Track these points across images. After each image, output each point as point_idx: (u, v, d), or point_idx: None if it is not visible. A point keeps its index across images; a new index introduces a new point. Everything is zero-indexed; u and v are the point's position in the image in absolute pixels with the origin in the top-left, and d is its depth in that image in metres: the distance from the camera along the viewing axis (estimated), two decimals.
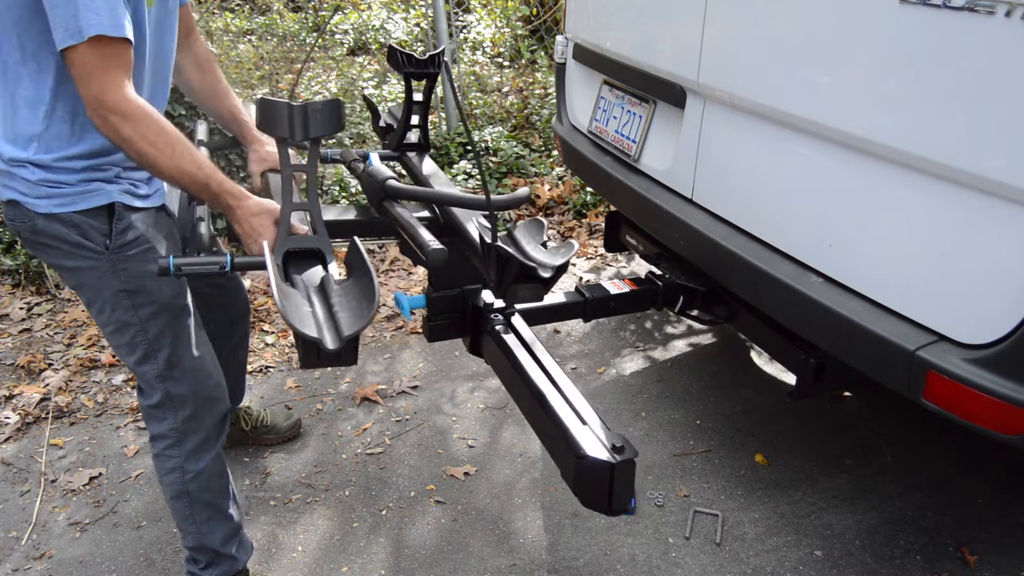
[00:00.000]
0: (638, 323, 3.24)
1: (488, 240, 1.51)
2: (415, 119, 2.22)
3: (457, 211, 1.86)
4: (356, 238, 1.57)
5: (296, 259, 1.64)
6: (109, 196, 1.61)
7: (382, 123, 2.41)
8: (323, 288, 1.52)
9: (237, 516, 1.93)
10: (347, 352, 1.39)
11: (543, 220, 1.62)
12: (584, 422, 1.40)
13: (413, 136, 2.28)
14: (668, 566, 2.07)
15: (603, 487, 1.32)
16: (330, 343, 1.34)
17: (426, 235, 1.60)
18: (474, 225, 1.76)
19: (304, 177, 1.72)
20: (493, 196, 1.60)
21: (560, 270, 1.50)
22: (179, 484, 1.82)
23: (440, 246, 1.54)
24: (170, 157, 1.48)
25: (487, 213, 1.79)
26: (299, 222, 1.68)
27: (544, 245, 1.57)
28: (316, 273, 1.60)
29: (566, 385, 1.51)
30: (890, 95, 1.57)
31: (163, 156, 1.47)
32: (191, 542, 1.89)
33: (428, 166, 2.22)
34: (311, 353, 1.41)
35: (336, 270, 1.59)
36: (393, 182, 1.77)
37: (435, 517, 2.25)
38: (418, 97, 2.19)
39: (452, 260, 1.63)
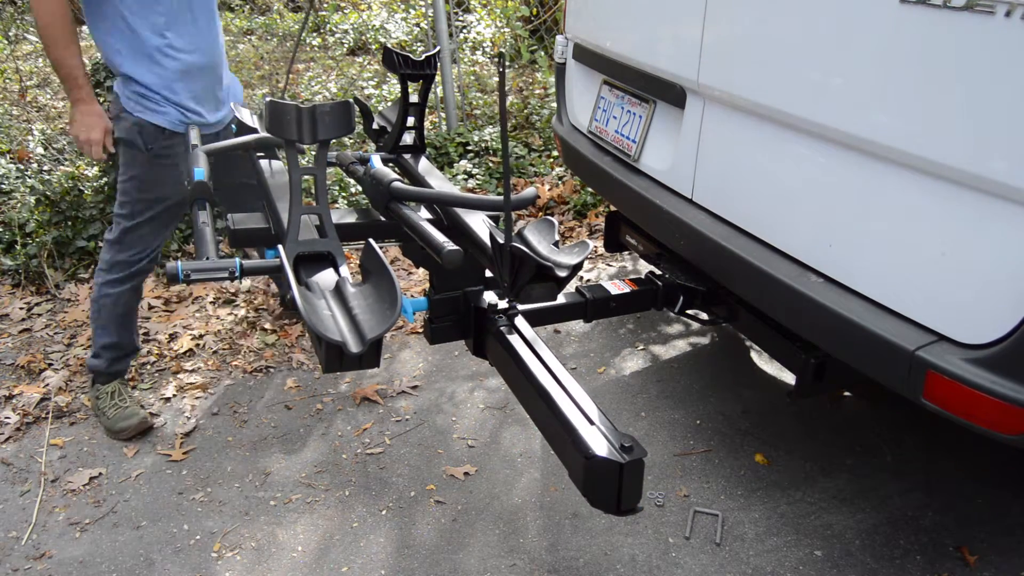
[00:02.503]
0: (638, 323, 3.24)
1: (501, 240, 1.51)
2: (411, 120, 2.21)
3: (460, 211, 1.86)
4: (372, 240, 1.56)
5: (306, 263, 1.63)
6: (166, 120, 2.37)
7: (375, 125, 2.41)
8: (339, 291, 1.51)
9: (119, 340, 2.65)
10: (370, 356, 1.39)
11: (554, 220, 1.61)
12: (592, 422, 1.39)
13: (408, 138, 2.28)
14: (668, 566, 2.07)
15: (612, 487, 1.32)
16: (354, 347, 1.33)
17: (439, 236, 1.59)
18: (482, 225, 1.75)
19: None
20: (497, 196, 1.59)
21: (576, 269, 1.50)
22: (96, 293, 2.58)
23: (456, 247, 1.53)
24: (64, 47, 2.23)
25: (495, 213, 1.79)
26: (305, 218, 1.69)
27: (556, 244, 1.57)
28: (329, 277, 1.59)
29: (572, 385, 1.51)
30: (890, 95, 1.57)
31: (59, 45, 2.22)
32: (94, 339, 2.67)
33: (424, 167, 2.21)
34: (334, 357, 1.40)
35: (347, 273, 1.58)
36: (399, 184, 1.77)
37: (435, 517, 2.25)
38: (414, 98, 2.18)
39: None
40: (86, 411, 2.75)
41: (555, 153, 4.85)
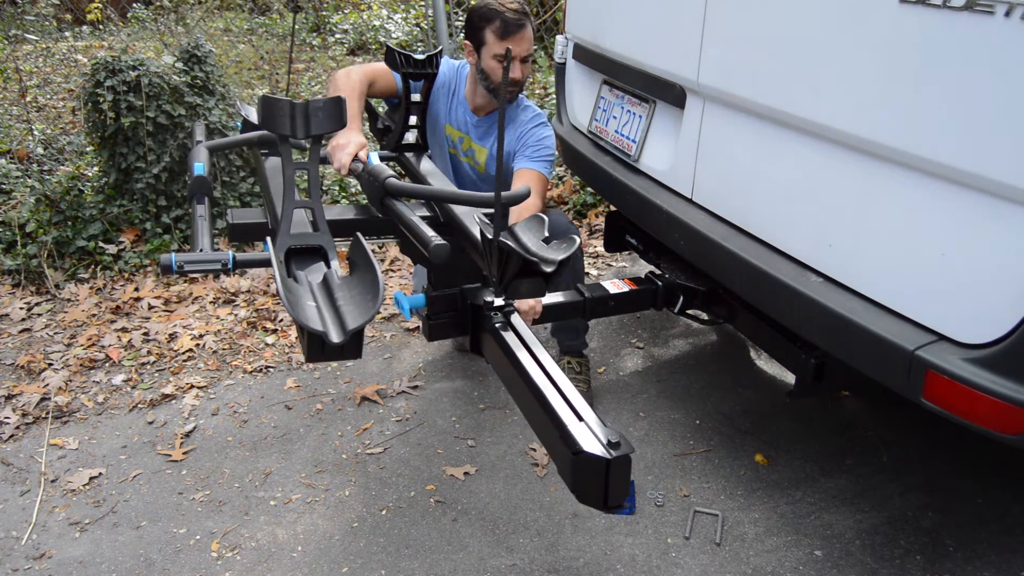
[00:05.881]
0: (638, 323, 3.24)
1: (490, 236, 1.51)
2: (413, 119, 2.22)
3: (456, 208, 1.86)
4: (359, 234, 1.57)
5: (298, 256, 1.64)
6: None
7: (380, 124, 2.41)
8: (326, 284, 1.52)
9: None
10: (351, 346, 1.40)
11: (544, 216, 1.61)
12: (581, 418, 1.39)
13: (410, 136, 2.28)
14: (668, 566, 2.07)
15: (599, 483, 1.31)
16: (335, 336, 1.34)
17: (428, 231, 1.60)
18: (475, 222, 1.76)
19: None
20: (488, 193, 1.59)
21: (562, 265, 1.50)
22: None
23: (443, 241, 1.54)
24: (337, 93, 2.14)
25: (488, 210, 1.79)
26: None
27: (546, 241, 1.57)
28: (319, 270, 1.60)
29: (563, 383, 1.51)
30: (890, 95, 1.57)
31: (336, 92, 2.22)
32: None
33: (426, 165, 2.22)
34: (316, 347, 1.41)
35: (338, 267, 1.59)
36: (393, 180, 1.77)
37: (435, 517, 2.25)
38: (416, 97, 2.19)
39: (451, 258, 1.63)
40: (86, 411, 2.75)
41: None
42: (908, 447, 2.49)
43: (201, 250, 1.65)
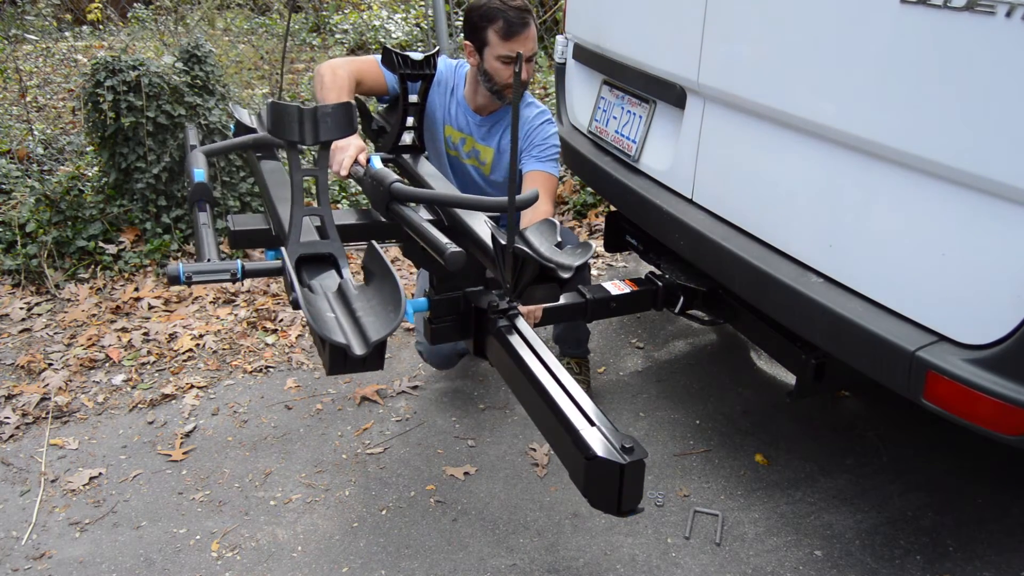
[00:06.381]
0: (638, 323, 3.24)
1: (503, 242, 1.50)
2: (410, 120, 2.21)
3: (461, 211, 1.85)
4: (374, 242, 1.56)
5: (307, 264, 1.63)
6: None
7: (374, 126, 2.41)
8: (342, 293, 1.51)
9: None
10: (373, 358, 1.38)
11: (556, 220, 1.60)
12: (592, 423, 1.39)
13: (408, 138, 2.28)
14: (668, 566, 2.07)
15: (613, 488, 1.31)
16: (358, 349, 1.32)
17: (442, 238, 1.58)
18: (483, 225, 1.75)
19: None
20: (500, 198, 1.59)
21: (579, 271, 1.50)
22: None
23: (459, 249, 1.53)
24: (324, 90, 2.23)
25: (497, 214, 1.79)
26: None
27: (559, 245, 1.56)
28: (331, 278, 1.59)
29: (571, 385, 1.51)
30: (890, 95, 1.57)
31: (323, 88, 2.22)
32: None
33: (424, 167, 2.21)
34: (337, 359, 1.39)
35: (349, 274, 1.58)
36: (399, 185, 1.76)
37: (435, 517, 2.25)
38: (413, 98, 2.18)
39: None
40: (86, 411, 2.75)
41: None
42: (908, 447, 2.49)
43: (209, 259, 1.64)
